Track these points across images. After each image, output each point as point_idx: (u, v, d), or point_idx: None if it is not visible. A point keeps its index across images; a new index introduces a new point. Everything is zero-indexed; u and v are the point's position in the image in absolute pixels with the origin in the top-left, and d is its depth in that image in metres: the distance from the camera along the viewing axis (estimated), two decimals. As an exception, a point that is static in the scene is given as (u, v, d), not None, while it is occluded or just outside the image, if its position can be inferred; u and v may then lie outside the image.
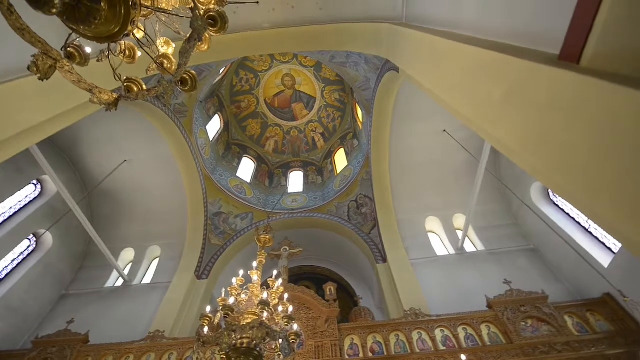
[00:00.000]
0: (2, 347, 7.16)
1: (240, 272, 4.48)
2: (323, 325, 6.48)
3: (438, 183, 9.81)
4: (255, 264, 4.72)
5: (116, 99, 1.78)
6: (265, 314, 3.66)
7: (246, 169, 13.05)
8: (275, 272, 4.80)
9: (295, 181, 13.50)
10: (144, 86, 1.89)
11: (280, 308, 4.13)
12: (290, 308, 4.15)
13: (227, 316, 3.58)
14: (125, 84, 1.85)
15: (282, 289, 4.51)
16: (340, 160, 12.95)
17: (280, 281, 4.63)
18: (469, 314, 6.39)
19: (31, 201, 8.56)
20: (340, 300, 7.83)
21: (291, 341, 3.78)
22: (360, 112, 11.36)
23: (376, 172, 9.89)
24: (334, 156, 13.42)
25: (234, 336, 3.37)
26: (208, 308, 4.13)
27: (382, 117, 8.95)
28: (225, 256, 10.27)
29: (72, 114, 5.12)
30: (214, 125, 12.14)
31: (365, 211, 10.38)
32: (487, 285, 7.15)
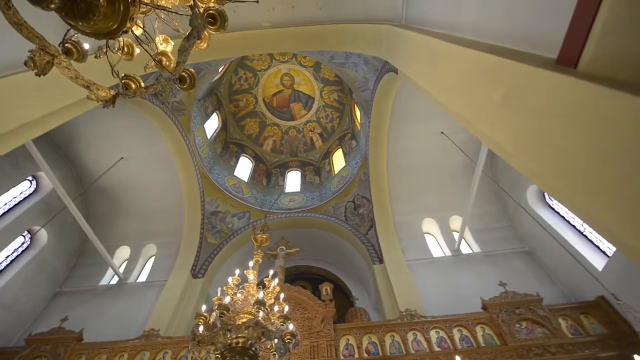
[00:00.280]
0: (-6, 345, 7.09)
1: (237, 271, 4.47)
2: (319, 325, 6.48)
3: (435, 185, 9.84)
4: (251, 263, 4.71)
5: (114, 96, 1.77)
6: (261, 314, 3.64)
7: (244, 168, 13.02)
8: (271, 272, 4.80)
9: (293, 181, 13.49)
10: (142, 83, 1.88)
11: (276, 308, 4.12)
12: (286, 308, 4.15)
13: (222, 315, 3.56)
14: (123, 81, 1.84)
15: (278, 288, 4.50)
16: (338, 160, 12.95)
17: (276, 281, 4.62)
18: (464, 316, 6.42)
19: (26, 197, 8.48)
20: (336, 300, 7.83)
21: (287, 341, 3.78)
22: (358, 113, 11.37)
23: (374, 173, 9.91)
24: (332, 156, 13.42)
25: (229, 335, 3.36)
26: (204, 307, 4.12)
27: (380, 118, 8.96)
28: (222, 255, 10.24)
29: (69, 110, 5.07)
30: (212, 124, 12.11)
31: (362, 212, 10.39)
32: (482, 287, 7.18)
